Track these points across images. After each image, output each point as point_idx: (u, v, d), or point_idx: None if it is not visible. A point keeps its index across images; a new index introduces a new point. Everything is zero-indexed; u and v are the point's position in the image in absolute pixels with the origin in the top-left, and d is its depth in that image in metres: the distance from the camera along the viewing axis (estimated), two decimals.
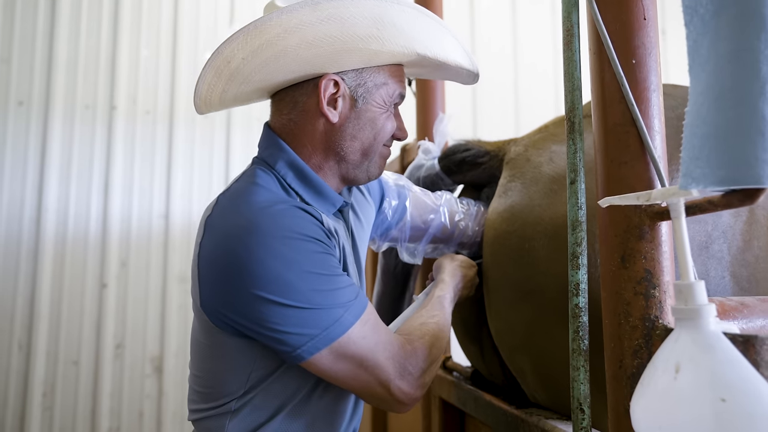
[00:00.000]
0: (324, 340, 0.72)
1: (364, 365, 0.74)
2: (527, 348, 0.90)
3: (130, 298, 2.70)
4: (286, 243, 0.72)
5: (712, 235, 0.80)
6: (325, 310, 0.72)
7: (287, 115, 0.85)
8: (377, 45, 0.78)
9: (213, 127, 2.89)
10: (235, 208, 0.76)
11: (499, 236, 0.95)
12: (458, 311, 1.12)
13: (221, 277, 0.74)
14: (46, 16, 2.74)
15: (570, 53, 0.63)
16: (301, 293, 0.71)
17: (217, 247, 0.75)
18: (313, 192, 0.83)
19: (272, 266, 0.71)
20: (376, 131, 0.86)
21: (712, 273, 0.79)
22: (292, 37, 0.74)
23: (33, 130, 2.67)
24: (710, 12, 0.45)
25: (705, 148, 0.45)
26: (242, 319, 0.73)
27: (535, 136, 1.03)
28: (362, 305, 0.77)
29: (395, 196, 1.08)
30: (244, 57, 0.77)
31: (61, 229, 2.65)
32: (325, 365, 0.73)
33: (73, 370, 2.60)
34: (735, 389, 0.41)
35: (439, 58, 0.84)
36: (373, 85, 0.84)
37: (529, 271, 0.88)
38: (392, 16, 0.77)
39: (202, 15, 2.93)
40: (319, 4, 0.74)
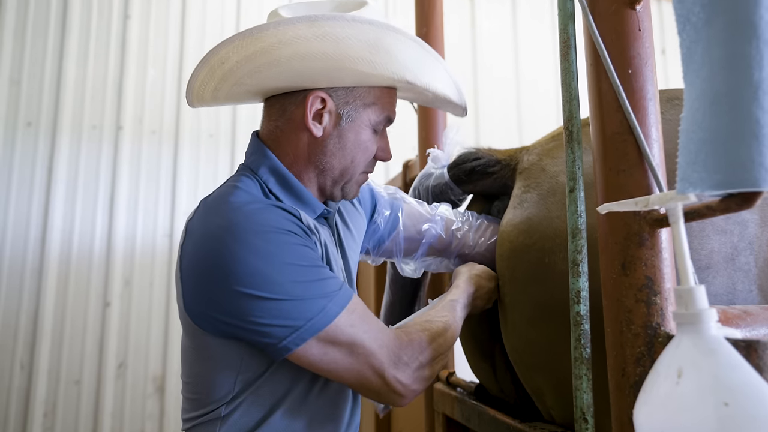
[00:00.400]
0: (309, 330, 0.71)
1: (356, 352, 0.74)
2: (547, 367, 0.86)
3: (133, 317, 2.69)
4: (262, 237, 0.72)
5: (739, 247, 0.77)
6: (307, 301, 0.72)
7: (275, 122, 0.87)
8: (368, 68, 0.79)
9: (218, 147, 2.93)
10: (214, 210, 0.77)
11: (516, 250, 0.91)
12: (468, 327, 1.08)
13: (202, 277, 0.74)
14: (56, 39, 2.80)
15: (567, 64, 0.64)
16: (281, 285, 0.71)
17: (196, 248, 0.76)
18: (293, 198, 0.85)
19: (250, 261, 0.71)
20: (358, 151, 0.87)
21: (739, 287, 0.76)
22: (286, 49, 0.76)
23: (40, 150, 2.71)
24: (702, 20, 0.46)
25: (701, 152, 0.45)
26: (225, 316, 0.73)
27: (548, 144, 1.00)
28: (347, 296, 0.76)
29: (388, 206, 1.08)
30: (238, 60, 0.79)
31: (65, 247, 2.66)
32: (315, 356, 0.73)
33: (74, 390, 2.58)
34: (738, 393, 0.41)
35: (428, 89, 0.85)
36: (361, 104, 0.85)
37: (549, 286, 0.84)
38: (387, 42, 0.79)
39: (207, 37, 2.99)
40: (316, 21, 0.75)
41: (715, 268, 0.75)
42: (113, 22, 2.89)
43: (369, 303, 1.90)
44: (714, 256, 0.75)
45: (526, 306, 0.88)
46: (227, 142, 2.94)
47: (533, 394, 0.93)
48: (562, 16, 0.65)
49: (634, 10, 0.60)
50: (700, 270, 0.74)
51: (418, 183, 1.19)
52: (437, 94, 0.87)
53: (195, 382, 0.81)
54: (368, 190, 1.08)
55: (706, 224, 0.76)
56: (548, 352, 0.84)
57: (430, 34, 1.44)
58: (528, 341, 0.88)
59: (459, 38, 3.40)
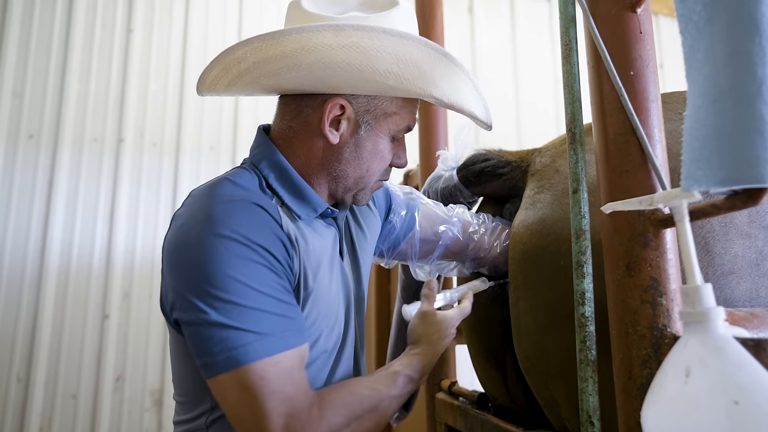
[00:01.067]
0: (224, 363, 0.66)
1: (252, 408, 0.66)
2: (563, 375, 0.81)
3: (131, 329, 2.67)
4: (225, 243, 0.68)
5: (764, 252, 0.74)
6: (236, 331, 0.67)
7: (288, 122, 0.83)
8: (394, 82, 0.75)
9: (218, 159, 2.93)
10: (198, 201, 0.74)
11: (529, 252, 0.86)
12: (478, 335, 1.05)
13: (170, 268, 0.72)
14: (59, 53, 2.83)
15: (569, 66, 0.64)
16: (221, 302, 0.67)
17: (172, 237, 0.73)
18: (294, 194, 0.80)
19: (204, 265, 0.67)
20: (374, 160, 0.84)
21: (763, 293, 0.73)
22: (308, 56, 0.72)
23: (41, 162, 2.71)
24: (704, 18, 0.47)
25: (705, 150, 0.45)
26: (177, 315, 0.71)
27: (561, 146, 0.97)
28: (284, 344, 0.69)
29: (404, 206, 1.04)
30: (256, 62, 0.75)
31: (65, 259, 2.65)
32: (219, 390, 0.68)
33: (71, 404, 2.55)
34: (748, 391, 0.40)
35: (455, 105, 0.81)
36: (382, 113, 0.82)
37: (565, 290, 0.78)
38: (416, 56, 0.74)
39: (209, 51, 3.02)
40: (343, 30, 0.71)
41: (739, 273, 0.73)
42: (116, 35, 2.92)
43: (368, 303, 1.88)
44: (738, 260, 0.73)
45: (539, 311, 0.84)
46: (228, 155, 2.95)
47: (546, 405, 0.89)
48: (564, 19, 0.65)
49: (635, 13, 0.60)
50: (723, 275, 0.72)
51: (427, 185, 1.17)
52: (463, 110, 0.83)
53: (179, 384, 0.80)
54: (383, 189, 1.05)
55: (729, 228, 0.74)
56: (563, 359, 0.80)
57: None
58: (542, 348, 0.84)
59: (459, 51, 3.43)
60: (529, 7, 3.68)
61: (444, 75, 0.78)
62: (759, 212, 0.76)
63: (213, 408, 0.75)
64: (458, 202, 1.12)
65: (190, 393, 0.78)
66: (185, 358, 0.77)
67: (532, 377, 0.89)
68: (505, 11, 3.63)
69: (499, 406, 1.06)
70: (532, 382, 0.90)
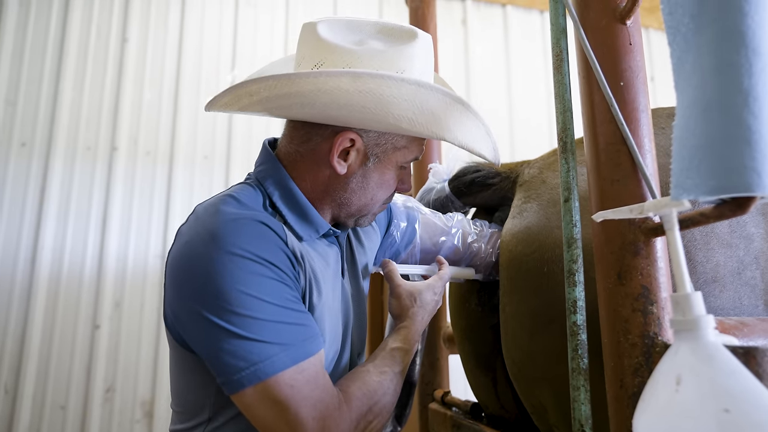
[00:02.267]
0: (250, 377, 0.67)
1: (286, 417, 0.67)
2: (549, 380, 0.84)
3: (122, 340, 2.64)
4: (235, 261, 0.68)
5: (744, 261, 0.76)
6: (258, 343, 0.67)
7: (297, 146, 0.82)
8: (408, 125, 0.76)
9: (212, 169, 2.93)
10: (203, 218, 0.74)
11: (514, 259, 0.89)
12: (470, 341, 1.07)
13: (175, 285, 0.72)
14: (53, 61, 2.82)
15: (560, 77, 0.65)
16: (238, 317, 0.67)
17: (177, 254, 0.73)
18: (298, 214, 0.81)
19: (216, 282, 0.67)
20: (380, 190, 0.84)
21: (746, 301, 0.75)
22: (323, 96, 0.72)
23: (34, 170, 2.70)
24: (692, 30, 0.47)
25: (695, 159, 0.46)
26: (186, 332, 0.72)
27: (549, 158, 1.00)
28: (306, 351, 0.71)
29: (404, 218, 1.05)
30: (269, 96, 0.75)
31: (56, 268, 2.63)
32: (248, 404, 0.68)
33: (59, 415, 2.51)
34: (738, 399, 0.40)
35: (466, 148, 0.82)
36: (391, 147, 0.82)
37: (549, 296, 0.82)
38: (433, 105, 0.74)
39: (204, 59, 3.02)
40: (360, 77, 0.70)
41: (722, 281, 0.74)
42: (111, 44, 2.92)
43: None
44: (720, 269, 0.74)
45: (525, 317, 0.86)
46: (222, 164, 2.95)
47: (534, 412, 0.90)
48: (555, 30, 0.66)
49: (625, 24, 0.61)
50: (706, 283, 0.73)
51: (419, 198, 1.20)
52: (473, 151, 0.83)
53: (177, 395, 0.80)
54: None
55: (710, 237, 0.75)
56: (549, 364, 0.82)
57: None
58: (528, 353, 0.86)
59: (452, 62, 3.46)
60: (522, 19, 3.73)
61: (458, 120, 0.78)
62: (739, 222, 0.77)
63: (210, 419, 0.76)
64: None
65: (189, 404, 0.78)
66: (186, 372, 0.77)
67: (519, 383, 0.91)
68: (498, 23, 3.67)
69: (492, 416, 1.06)
70: (519, 387, 0.91)
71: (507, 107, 3.52)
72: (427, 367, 1.30)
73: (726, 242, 0.75)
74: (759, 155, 0.43)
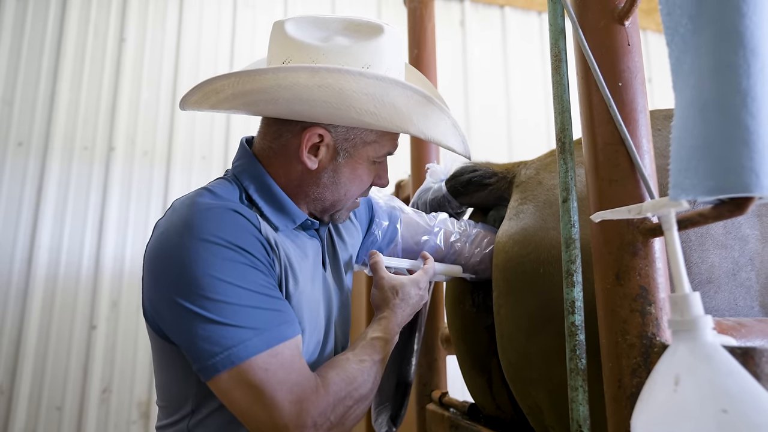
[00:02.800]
0: (224, 361, 0.67)
1: (262, 401, 0.68)
2: (544, 381, 0.84)
3: (119, 340, 2.64)
4: (209, 248, 0.69)
5: (739, 263, 0.76)
6: (231, 328, 0.68)
7: (269, 143, 0.84)
8: (371, 119, 0.77)
9: (210, 169, 2.92)
10: (178, 211, 0.75)
11: (511, 261, 0.89)
12: (465, 341, 1.07)
13: (152, 275, 0.73)
14: (51, 60, 2.82)
15: (559, 77, 0.65)
16: (211, 302, 0.68)
17: (153, 245, 0.74)
18: (273, 206, 0.82)
19: (189, 269, 0.68)
20: (352, 185, 0.85)
21: (741, 303, 0.75)
22: (285, 92, 0.74)
23: (30, 169, 2.69)
24: (690, 31, 0.48)
25: (693, 159, 0.46)
26: (163, 322, 0.72)
27: (546, 159, 1.00)
28: (281, 336, 0.71)
29: (386, 217, 1.06)
30: (234, 93, 0.76)
31: (52, 268, 2.62)
32: (223, 389, 0.69)
33: (55, 416, 2.50)
34: (736, 400, 0.40)
35: (432, 140, 0.83)
36: (361, 141, 0.83)
37: (545, 297, 0.82)
38: (393, 97, 0.75)
39: (202, 60, 3.02)
40: (318, 72, 0.71)
41: (717, 282, 0.74)
42: (108, 44, 2.91)
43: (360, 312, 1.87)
44: (715, 270, 0.75)
45: (521, 318, 0.86)
46: (220, 165, 2.94)
47: (530, 413, 0.90)
48: (553, 31, 0.66)
49: (623, 25, 0.61)
50: (701, 284, 0.73)
51: (417, 198, 1.20)
52: (441, 144, 0.85)
53: (161, 389, 0.81)
54: (365, 201, 1.07)
55: (705, 239, 0.76)
56: (545, 365, 0.82)
57: (422, 56, 1.46)
58: (524, 355, 0.86)
59: (451, 63, 3.46)
60: (520, 20, 3.73)
61: (422, 113, 0.78)
62: (734, 224, 0.78)
63: (194, 411, 0.76)
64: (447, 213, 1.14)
65: (172, 397, 0.79)
66: (168, 365, 0.78)
67: (515, 384, 0.91)
68: (496, 24, 3.68)
69: (489, 417, 1.06)
70: (515, 388, 0.91)
71: (505, 108, 3.53)
72: (424, 368, 1.30)
73: (721, 243, 0.76)
74: (757, 156, 0.43)
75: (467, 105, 3.44)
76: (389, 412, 1.15)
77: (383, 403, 1.15)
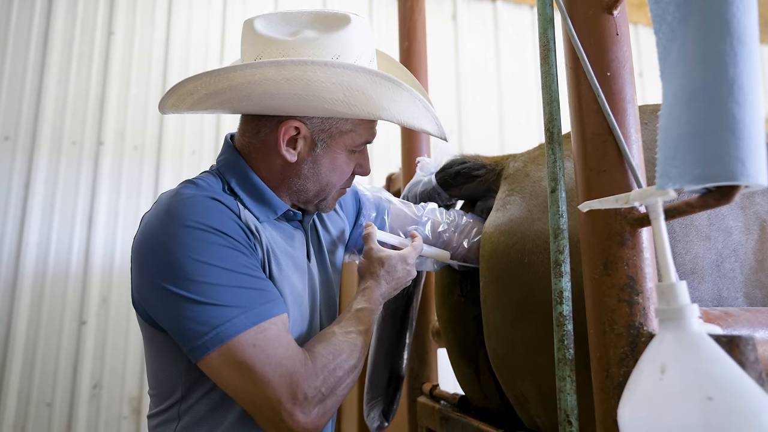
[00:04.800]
0: (213, 340, 0.69)
1: (252, 377, 0.69)
2: (530, 370, 0.85)
3: (109, 336, 2.62)
4: (190, 232, 0.71)
5: (723, 254, 0.77)
6: (217, 308, 0.69)
7: (249, 139, 0.86)
8: (343, 107, 0.78)
9: (200, 164, 2.90)
10: (162, 202, 0.77)
11: (496, 250, 0.91)
12: (453, 331, 1.08)
13: (138, 264, 0.75)
14: (38, 53, 2.78)
15: (547, 67, 0.64)
16: (196, 284, 0.69)
17: (139, 236, 0.76)
18: (254, 198, 0.83)
19: (173, 254, 0.70)
20: (333, 174, 0.86)
21: (725, 293, 0.76)
22: (256, 88, 0.75)
23: (18, 164, 2.66)
24: (677, 19, 0.47)
25: (680, 147, 0.46)
26: (150, 308, 0.74)
27: (534, 152, 1.01)
28: (267, 313, 0.72)
29: (373, 208, 1.07)
30: (207, 93, 0.78)
31: (41, 263, 2.59)
32: (213, 369, 0.70)
33: (45, 412, 2.48)
34: (721, 387, 0.41)
35: (407, 125, 0.84)
36: (337, 131, 0.84)
37: (529, 287, 0.83)
38: (361, 84, 0.76)
39: (192, 54, 2.99)
40: (285, 66, 0.72)
41: (700, 273, 0.75)
42: (97, 37, 2.88)
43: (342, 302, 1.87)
44: (698, 261, 0.75)
45: (506, 307, 0.87)
46: (210, 159, 2.92)
47: (516, 403, 0.91)
48: (542, 20, 0.66)
49: (612, 15, 0.61)
50: (685, 275, 0.74)
51: (407, 191, 1.21)
52: (415, 128, 0.86)
53: (151, 377, 0.82)
54: (352, 193, 1.08)
55: (689, 230, 0.76)
56: (529, 354, 0.84)
57: (412, 49, 1.46)
58: (510, 343, 0.87)
59: (442, 57, 3.46)
60: (512, 14, 3.73)
61: (392, 98, 0.79)
62: (718, 215, 0.78)
63: (184, 397, 0.78)
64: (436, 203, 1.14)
65: (162, 385, 0.80)
66: (157, 352, 0.80)
67: (501, 373, 0.92)
68: (488, 18, 3.67)
69: (479, 409, 1.07)
70: (501, 377, 0.92)
71: (497, 103, 3.53)
72: (415, 361, 1.30)
73: (705, 235, 0.76)
74: (743, 144, 0.43)
75: (459, 99, 3.44)
76: (381, 406, 1.15)
77: (376, 398, 1.15)
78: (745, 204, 0.81)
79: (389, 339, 1.16)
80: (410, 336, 1.18)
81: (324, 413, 0.74)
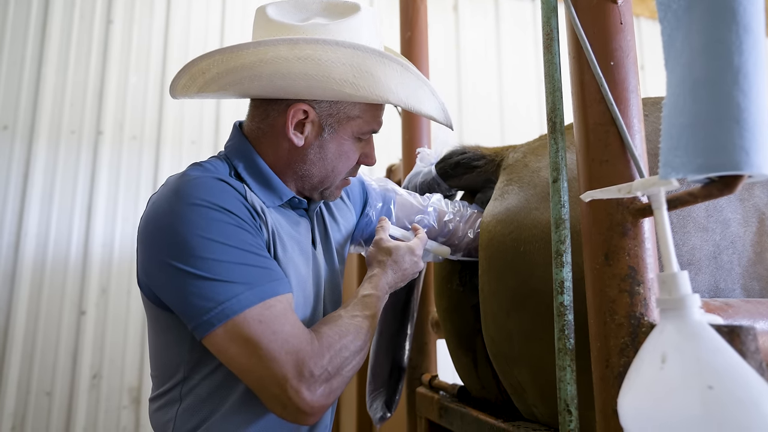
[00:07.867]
0: (219, 315, 0.68)
1: (258, 353, 0.69)
2: (526, 358, 0.85)
3: (109, 326, 2.62)
4: (196, 210, 0.72)
5: (721, 245, 0.77)
6: (223, 284, 0.69)
7: (257, 123, 0.87)
8: (351, 89, 0.79)
9: (200, 154, 2.89)
10: (170, 183, 0.78)
11: (493, 239, 0.91)
12: (451, 321, 1.08)
13: (145, 244, 0.75)
14: (36, 42, 2.76)
15: (550, 56, 0.64)
16: (203, 260, 0.69)
17: (146, 215, 0.77)
18: (261, 183, 0.84)
19: (179, 231, 0.71)
20: (339, 161, 0.87)
21: (722, 285, 0.76)
22: (266, 67, 0.76)
23: (16, 154, 2.65)
24: (683, 7, 0.47)
25: (683, 137, 0.46)
26: (156, 286, 0.74)
27: (534, 143, 1.02)
28: (273, 290, 0.73)
29: (380, 198, 1.08)
30: (219, 72, 0.79)
31: (40, 254, 2.59)
32: (219, 345, 0.70)
33: (45, 401, 2.49)
34: (722, 376, 0.41)
35: (413, 109, 0.85)
36: (345, 117, 0.85)
37: (525, 276, 0.84)
38: (371, 65, 0.77)
39: (191, 43, 2.97)
40: (297, 43, 0.74)
41: (698, 264, 0.75)
42: (95, 26, 2.86)
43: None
44: (696, 252, 0.75)
45: (503, 296, 0.88)
46: (210, 149, 2.91)
47: (513, 392, 0.91)
48: (545, 9, 0.65)
49: (616, 3, 0.60)
50: (682, 266, 0.74)
51: (407, 182, 1.21)
52: (422, 113, 0.87)
53: (153, 357, 0.82)
54: (359, 183, 1.08)
55: (687, 221, 0.76)
56: (525, 342, 0.84)
57: (413, 39, 1.45)
58: (506, 332, 0.88)
59: (443, 49, 3.44)
60: (513, 5, 3.71)
61: (400, 82, 0.80)
62: (716, 207, 0.78)
63: (186, 378, 0.78)
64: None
65: (164, 366, 0.80)
66: (161, 332, 0.80)
67: (498, 362, 0.92)
68: (489, 9, 3.65)
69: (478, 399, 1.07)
70: (498, 366, 0.92)
71: (498, 94, 3.52)
72: (415, 352, 1.30)
73: (702, 226, 0.76)
74: (747, 133, 0.43)
75: (460, 90, 3.43)
76: (384, 397, 1.15)
77: (378, 389, 1.15)
78: (743, 196, 0.81)
79: (391, 330, 1.16)
80: (412, 327, 1.19)
81: (330, 393, 0.73)
